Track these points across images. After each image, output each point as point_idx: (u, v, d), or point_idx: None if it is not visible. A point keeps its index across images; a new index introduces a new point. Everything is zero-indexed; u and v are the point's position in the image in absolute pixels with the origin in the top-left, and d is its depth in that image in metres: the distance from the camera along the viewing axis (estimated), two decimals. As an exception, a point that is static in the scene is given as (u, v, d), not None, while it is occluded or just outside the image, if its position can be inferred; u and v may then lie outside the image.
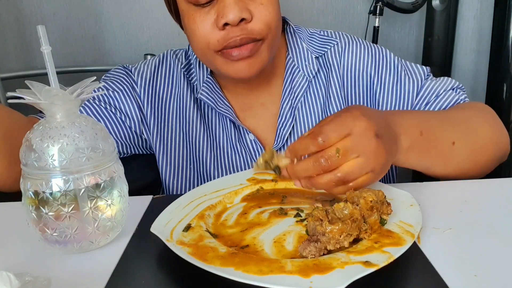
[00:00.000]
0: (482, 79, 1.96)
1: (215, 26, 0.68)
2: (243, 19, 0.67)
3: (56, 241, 0.48)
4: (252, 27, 0.68)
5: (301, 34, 0.84)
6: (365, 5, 1.86)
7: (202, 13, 0.69)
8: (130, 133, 0.83)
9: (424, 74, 0.83)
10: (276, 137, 0.80)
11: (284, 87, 0.81)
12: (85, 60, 1.85)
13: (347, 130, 0.51)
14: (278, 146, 0.80)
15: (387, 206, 0.50)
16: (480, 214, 0.57)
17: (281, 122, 0.80)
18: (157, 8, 1.83)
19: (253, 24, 0.68)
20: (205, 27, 0.69)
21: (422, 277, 0.44)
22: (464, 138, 0.68)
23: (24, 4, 1.77)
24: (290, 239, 0.50)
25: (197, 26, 0.69)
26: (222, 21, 0.67)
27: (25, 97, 0.46)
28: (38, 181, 0.47)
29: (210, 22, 0.68)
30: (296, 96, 0.81)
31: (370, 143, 0.51)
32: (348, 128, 0.51)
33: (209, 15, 0.68)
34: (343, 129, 0.51)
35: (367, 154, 0.51)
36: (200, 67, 0.83)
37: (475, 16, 1.95)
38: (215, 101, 0.80)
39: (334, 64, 0.82)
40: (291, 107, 0.81)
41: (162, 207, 0.54)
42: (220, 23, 0.67)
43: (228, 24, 0.67)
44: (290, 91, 0.81)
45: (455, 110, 0.76)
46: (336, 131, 0.51)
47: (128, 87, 0.83)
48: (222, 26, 0.67)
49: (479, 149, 0.70)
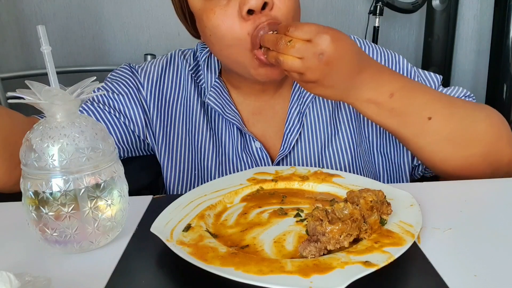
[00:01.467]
0: (482, 79, 1.96)
1: (239, 16, 0.66)
2: (266, 4, 0.66)
3: (56, 241, 0.48)
4: (275, 14, 0.67)
5: None
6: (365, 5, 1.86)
7: (222, 6, 0.67)
8: (133, 137, 0.82)
9: (438, 82, 0.82)
10: (283, 143, 0.79)
11: (293, 91, 0.80)
12: (85, 60, 1.85)
13: (310, 36, 0.58)
14: (284, 152, 0.79)
15: (387, 206, 0.50)
16: (480, 214, 0.57)
17: (288, 127, 0.79)
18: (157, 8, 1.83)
19: (275, 11, 0.67)
20: (229, 20, 0.66)
21: (422, 277, 0.44)
22: (445, 120, 0.67)
23: (24, 4, 1.77)
24: (290, 239, 0.50)
25: (221, 20, 0.67)
26: (246, 7, 0.64)
27: (25, 97, 0.46)
28: (38, 181, 0.46)
29: (233, 15, 0.66)
30: (305, 101, 0.80)
31: (313, 59, 0.59)
32: (312, 35, 0.58)
33: (229, 7, 0.66)
34: (308, 33, 0.59)
35: (306, 64, 0.59)
36: (209, 70, 0.81)
37: (475, 16, 1.96)
38: (223, 106, 0.79)
39: None
40: (299, 113, 0.80)
41: (162, 207, 0.54)
42: (244, 10, 0.65)
43: (251, 13, 0.65)
44: (299, 96, 0.80)
45: (458, 99, 0.75)
46: (303, 30, 0.59)
47: (133, 90, 0.81)
48: (246, 14, 0.65)
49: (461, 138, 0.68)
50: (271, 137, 0.81)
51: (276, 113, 0.82)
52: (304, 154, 0.80)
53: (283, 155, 0.79)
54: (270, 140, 0.81)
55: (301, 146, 0.80)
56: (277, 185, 0.64)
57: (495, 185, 0.66)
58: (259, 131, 0.81)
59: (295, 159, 0.80)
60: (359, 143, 0.81)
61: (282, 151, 0.79)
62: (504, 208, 0.58)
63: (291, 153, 0.80)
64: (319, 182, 0.63)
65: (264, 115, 0.82)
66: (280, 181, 0.64)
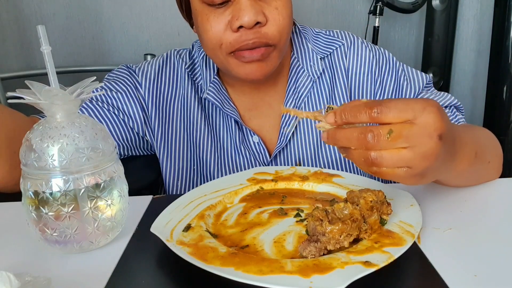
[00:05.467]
0: (482, 79, 1.96)
1: (229, 27, 0.68)
2: (258, 23, 0.67)
3: (56, 241, 0.48)
4: (266, 31, 0.68)
5: (307, 34, 0.84)
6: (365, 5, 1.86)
7: (217, 14, 0.69)
8: (132, 135, 0.83)
9: (423, 82, 0.82)
10: (279, 136, 0.80)
11: (288, 86, 0.81)
12: (85, 60, 1.85)
13: (411, 116, 0.43)
14: (281, 145, 0.80)
15: (387, 206, 0.50)
16: (480, 214, 0.57)
17: (285, 121, 0.81)
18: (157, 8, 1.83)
19: (267, 28, 0.69)
20: (218, 28, 0.69)
21: (422, 277, 0.44)
22: (494, 158, 0.66)
23: (24, 4, 1.77)
24: (290, 239, 0.50)
25: (211, 26, 0.69)
26: (237, 23, 0.67)
27: (25, 97, 0.46)
28: (38, 181, 0.46)
29: (224, 23, 0.68)
30: (300, 96, 0.81)
31: (429, 142, 0.44)
32: (413, 114, 0.43)
33: (223, 16, 0.68)
34: (407, 113, 0.43)
35: (419, 151, 0.44)
36: (207, 67, 0.83)
37: (475, 16, 1.96)
38: (221, 101, 0.80)
39: (339, 65, 0.82)
40: (294, 107, 0.81)
41: (162, 207, 0.54)
42: (235, 26, 0.67)
43: (242, 27, 0.67)
44: (294, 91, 0.81)
45: (478, 129, 0.72)
46: (398, 110, 0.43)
47: (131, 88, 0.83)
48: (236, 28, 0.67)
49: (497, 168, 0.68)
50: (267, 131, 0.83)
51: (272, 108, 0.83)
52: (301, 147, 0.81)
53: (280, 148, 0.80)
54: (267, 134, 0.82)
55: (298, 139, 0.81)
56: (277, 185, 0.64)
57: (495, 185, 0.66)
58: (255, 126, 0.82)
59: (292, 152, 0.81)
60: None
61: (279, 144, 0.80)
62: (504, 208, 0.58)
63: (288, 146, 0.81)
64: (319, 182, 0.63)
65: (259, 111, 0.83)
66: (280, 181, 0.64)
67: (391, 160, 0.44)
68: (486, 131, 0.73)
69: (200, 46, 0.85)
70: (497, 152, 0.69)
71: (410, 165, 0.44)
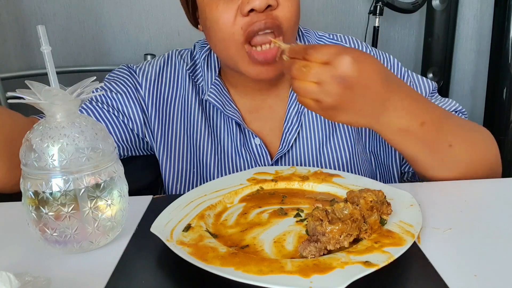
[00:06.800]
0: (482, 79, 1.96)
1: (239, 13, 0.67)
2: (269, 6, 0.66)
3: (56, 241, 0.48)
4: (277, 14, 0.67)
5: (310, 37, 0.84)
6: (365, 5, 1.86)
7: (226, 1, 0.68)
8: (132, 136, 0.83)
9: (430, 89, 0.81)
10: (282, 142, 0.80)
11: (292, 91, 0.80)
12: (85, 60, 1.85)
13: (326, 58, 0.54)
14: (283, 151, 0.79)
15: (387, 206, 0.50)
16: (480, 214, 0.57)
17: (287, 126, 0.80)
18: (157, 8, 1.83)
19: (278, 11, 0.68)
20: (229, 15, 0.68)
21: (422, 277, 0.44)
22: (464, 146, 0.66)
23: (24, 4, 1.77)
24: (290, 239, 0.50)
25: (220, 14, 0.68)
26: (248, 7, 0.65)
27: (25, 97, 0.46)
28: (38, 181, 0.46)
29: (234, 10, 0.67)
30: None
31: (333, 82, 0.54)
32: (328, 57, 0.54)
33: (232, 2, 0.67)
34: (325, 55, 0.54)
35: (324, 88, 0.54)
36: (208, 68, 0.82)
37: (475, 16, 1.96)
38: (223, 103, 0.79)
39: None
40: (297, 112, 0.80)
41: (162, 207, 0.54)
42: (246, 9, 0.66)
43: (253, 10, 0.66)
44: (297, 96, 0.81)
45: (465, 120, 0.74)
46: (321, 53, 0.54)
47: (131, 89, 0.82)
48: (246, 12, 0.66)
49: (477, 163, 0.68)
50: (268, 134, 0.82)
51: (274, 111, 0.82)
52: (303, 152, 0.81)
53: (282, 154, 0.80)
54: (267, 137, 0.82)
55: (300, 144, 0.81)
56: (277, 185, 0.64)
57: (495, 185, 0.66)
58: (256, 128, 0.82)
59: (294, 157, 0.81)
60: (357, 141, 0.82)
61: (280, 150, 0.79)
62: (504, 208, 0.58)
63: (290, 151, 0.80)
64: (319, 182, 0.63)
65: (261, 114, 0.82)
66: (280, 181, 0.64)
67: (303, 89, 0.56)
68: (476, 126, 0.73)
69: (201, 46, 0.85)
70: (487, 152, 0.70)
71: (318, 99, 0.55)
